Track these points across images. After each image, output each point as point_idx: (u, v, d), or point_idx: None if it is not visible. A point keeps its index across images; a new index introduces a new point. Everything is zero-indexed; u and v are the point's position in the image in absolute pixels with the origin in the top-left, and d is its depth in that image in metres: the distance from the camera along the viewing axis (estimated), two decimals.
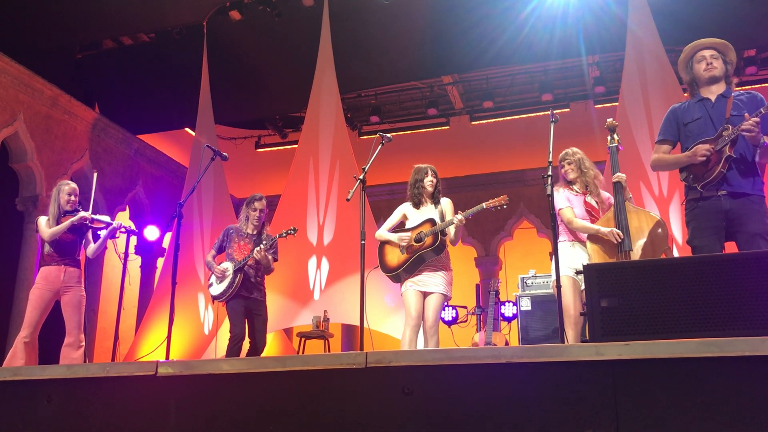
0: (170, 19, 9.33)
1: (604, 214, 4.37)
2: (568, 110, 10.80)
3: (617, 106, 7.39)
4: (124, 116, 10.50)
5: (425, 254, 4.49)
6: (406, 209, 4.80)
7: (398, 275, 4.61)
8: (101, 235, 5.35)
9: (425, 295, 4.52)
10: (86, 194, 9.77)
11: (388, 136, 4.63)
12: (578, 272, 4.10)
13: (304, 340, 7.55)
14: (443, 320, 8.26)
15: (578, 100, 10.93)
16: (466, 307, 8.40)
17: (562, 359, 2.14)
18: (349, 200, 4.47)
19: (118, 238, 5.65)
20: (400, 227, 4.77)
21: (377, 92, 11.46)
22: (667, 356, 2.03)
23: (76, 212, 5.19)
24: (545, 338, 5.87)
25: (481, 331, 7.28)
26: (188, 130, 11.26)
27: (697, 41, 3.78)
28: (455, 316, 8.37)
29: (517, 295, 6.31)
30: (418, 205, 4.74)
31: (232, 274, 5.21)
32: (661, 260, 3.43)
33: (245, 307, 5.22)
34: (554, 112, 4.24)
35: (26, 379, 2.90)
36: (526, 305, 6.06)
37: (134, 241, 9.99)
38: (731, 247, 3.59)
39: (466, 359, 2.26)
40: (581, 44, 8.67)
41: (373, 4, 8.76)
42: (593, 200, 4.43)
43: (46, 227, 5.12)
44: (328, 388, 2.39)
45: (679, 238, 6.15)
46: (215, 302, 5.47)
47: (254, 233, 5.41)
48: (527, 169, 11.12)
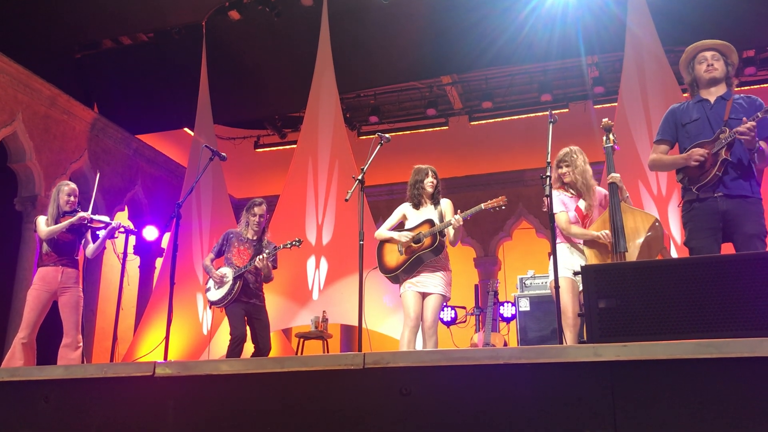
0: (169, 18, 9.33)
1: (592, 217, 4.36)
2: (567, 110, 10.82)
3: (616, 106, 7.40)
4: (123, 116, 10.49)
5: (424, 255, 4.48)
6: (405, 209, 4.80)
7: (397, 276, 4.60)
8: (100, 235, 5.33)
9: (424, 295, 4.52)
10: (86, 194, 9.80)
11: (387, 136, 4.63)
12: (576, 273, 4.10)
13: (302, 340, 7.54)
14: (442, 321, 8.26)
15: (577, 100, 10.94)
16: (464, 307, 8.40)
17: (560, 360, 2.14)
18: (347, 200, 4.46)
19: (116, 238, 5.64)
20: (399, 227, 4.76)
21: (376, 92, 11.46)
22: (665, 357, 2.03)
23: (75, 213, 5.17)
24: (544, 339, 5.87)
25: (479, 331, 7.28)
26: (187, 130, 11.26)
27: (699, 42, 3.77)
28: (454, 316, 8.37)
29: (515, 295, 6.31)
30: (417, 205, 4.74)
31: (231, 281, 5.17)
32: (659, 261, 3.43)
33: (245, 310, 5.19)
34: (553, 112, 4.24)
35: (24, 379, 2.90)
36: (524, 306, 6.06)
37: (133, 241, 10.00)
38: (728, 248, 3.59)
39: (464, 360, 2.26)
40: (580, 44, 8.67)
41: (372, 4, 8.76)
42: (584, 205, 4.41)
43: (44, 226, 5.11)
44: (326, 389, 2.38)
45: (678, 238, 6.15)
46: (209, 309, 5.44)
47: (254, 239, 5.38)
48: (526, 169, 11.12)
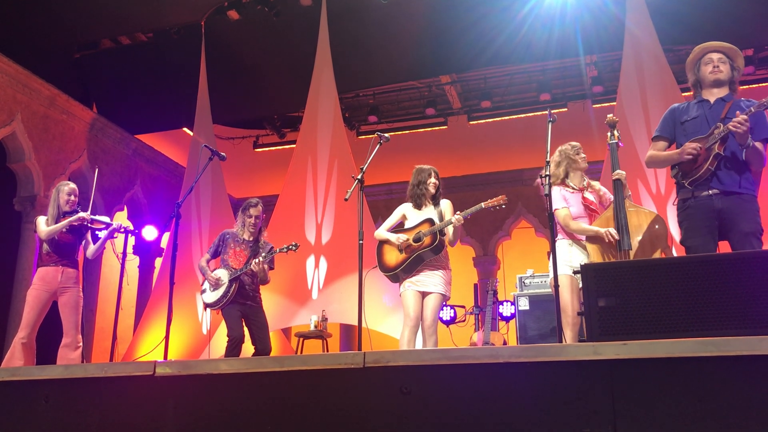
0: (168, 18, 9.32)
1: (602, 210, 4.36)
2: (566, 110, 10.82)
3: (615, 105, 7.40)
4: (122, 116, 10.48)
5: (424, 254, 4.49)
6: (405, 209, 4.81)
7: (396, 275, 4.61)
8: (101, 236, 5.33)
9: (424, 295, 4.52)
10: (86, 194, 9.80)
11: (386, 135, 4.63)
12: (576, 271, 4.10)
13: (302, 340, 7.54)
14: (441, 320, 8.27)
15: (576, 99, 10.95)
16: (464, 306, 8.41)
17: (559, 359, 2.15)
18: (347, 200, 4.47)
19: (116, 238, 5.63)
20: (399, 227, 4.77)
21: (375, 92, 11.46)
22: (664, 356, 2.03)
23: (75, 213, 5.17)
24: (543, 338, 5.87)
25: (479, 330, 7.28)
26: (186, 130, 11.25)
27: (707, 43, 3.76)
28: (453, 315, 8.38)
29: (515, 294, 6.30)
30: (419, 206, 4.75)
31: (227, 283, 5.11)
32: (658, 260, 3.43)
33: (241, 311, 5.13)
34: (552, 111, 4.25)
35: (24, 379, 2.90)
36: (524, 305, 6.06)
37: (132, 241, 9.99)
38: (724, 246, 3.60)
39: (464, 359, 2.26)
40: (579, 44, 8.67)
41: (371, 3, 8.77)
42: (592, 196, 4.42)
43: (44, 226, 5.11)
44: (326, 387, 2.39)
45: (677, 237, 6.15)
46: (208, 309, 5.39)
47: (251, 239, 5.32)
48: (525, 168, 11.12)
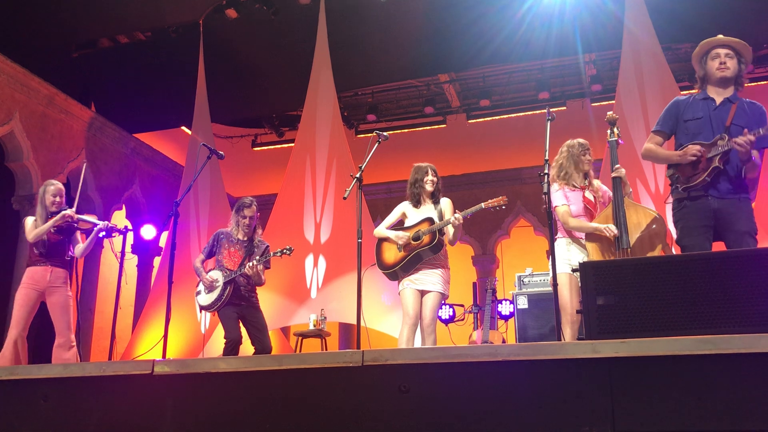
0: (167, 17, 9.31)
1: (601, 208, 4.36)
2: (564, 108, 10.82)
3: (614, 104, 7.40)
4: (120, 115, 10.48)
5: (422, 252, 4.49)
6: (405, 208, 4.80)
7: (395, 273, 4.61)
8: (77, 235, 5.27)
9: (423, 293, 4.52)
10: (83, 193, 9.79)
11: (384, 134, 4.62)
12: (575, 270, 4.10)
13: (301, 338, 7.54)
14: (440, 318, 8.27)
15: (575, 98, 10.95)
16: (463, 305, 8.42)
17: (558, 357, 2.15)
18: (346, 199, 4.46)
19: (115, 237, 5.60)
20: (399, 225, 4.76)
21: (374, 91, 11.46)
22: (663, 354, 2.04)
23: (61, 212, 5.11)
24: (542, 336, 5.87)
25: (478, 329, 7.29)
26: (185, 128, 11.25)
27: (714, 38, 3.69)
28: (452, 314, 8.39)
29: (514, 293, 6.30)
30: (417, 204, 4.73)
31: (221, 285, 5.03)
32: (657, 258, 3.43)
33: (238, 313, 5.06)
34: (551, 110, 4.24)
35: (23, 378, 2.89)
36: (523, 303, 6.06)
37: (131, 240, 9.99)
38: (719, 246, 3.59)
39: (462, 357, 2.26)
40: (578, 42, 8.68)
41: (369, 2, 8.76)
42: (591, 195, 4.42)
43: (32, 228, 5.06)
44: (325, 386, 2.39)
45: (674, 235, 6.15)
46: (203, 311, 5.34)
47: (245, 239, 5.23)
48: (524, 167, 11.13)
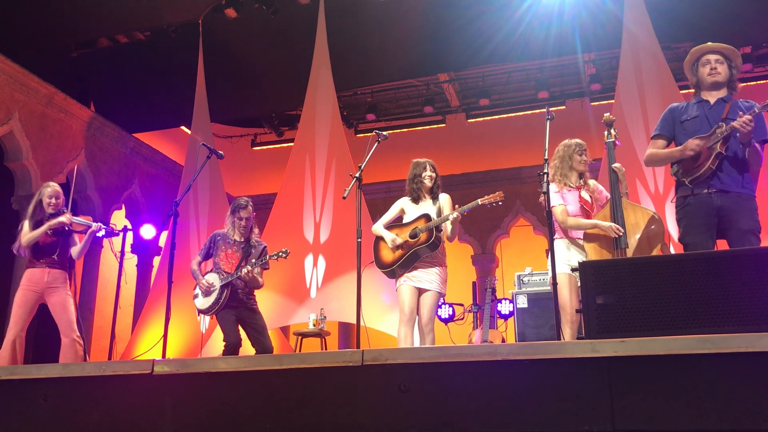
0: (166, 17, 9.30)
1: (598, 209, 4.36)
2: (564, 108, 10.83)
3: (613, 103, 7.41)
4: (119, 115, 10.47)
5: (420, 250, 4.47)
6: (404, 204, 4.77)
7: (393, 271, 4.58)
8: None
9: (420, 291, 4.50)
10: (83, 193, 9.79)
11: (384, 134, 4.61)
12: (574, 269, 4.10)
13: (301, 338, 7.54)
14: (440, 318, 8.27)
15: (574, 97, 10.96)
16: (462, 304, 8.41)
17: (558, 356, 2.15)
18: (345, 198, 4.45)
19: (117, 235, 5.61)
20: (397, 222, 4.74)
21: (373, 90, 11.46)
22: (662, 353, 2.04)
23: (60, 214, 5.10)
24: (542, 336, 5.87)
25: (477, 328, 7.29)
26: (184, 128, 11.25)
27: (703, 45, 3.76)
28: (452, 313, 8.38)
29: (513, 292, 6.30)
30: (416, 200, 4.71)
31: (218, 289, 4.98)
32: (656, 257, 3.44)
33: (236, 315, 5.02)
34: (550, 109, 4.24)
35: (22, 378, 2.89)
36: (522, 303, 6.06)
37: (130, 239, 9.98)
38: (722, 244, 3.60)
39: (462, 356, 2.26)
40: (577, 42, 8.69)
41: (369, 1, 8.76)
42: (587, 195, 4.42)
43: (26, 232, 5.05)
44: (324, 386, 2.39)
45: (675, 234, 6.16)
46: (200, 315, 5.31)
47: (242, 240, 5.19)
48: (524, 166, 11.13)
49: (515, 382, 2.18)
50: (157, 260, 10.49)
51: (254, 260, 5.07)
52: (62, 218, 5.05)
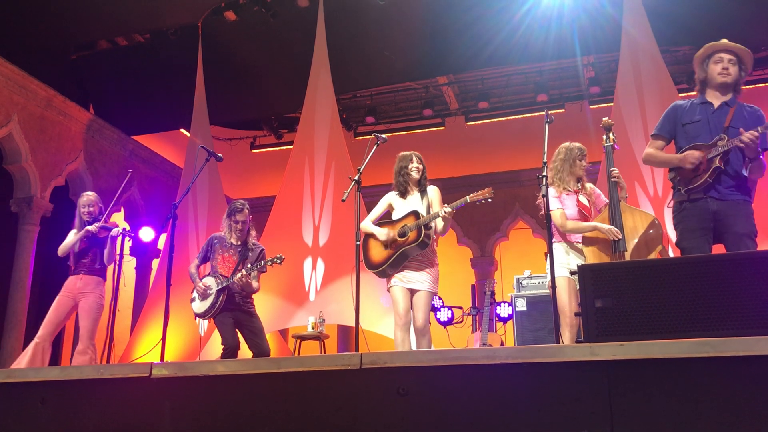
0: (165, 19, 9.32)
1: (596, 213, 4.36)
2: (563, 111, 10.85)
3: (612, 106, 7.41)
4: (118, 117, 10.47)
5: (409, 250, 4.34)
6: (391, 198, 4.64)
7: (383, 271, 4.46)
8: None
9: (412, 292, 4.39)
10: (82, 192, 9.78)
11: (383, 136, 4.56)
12: (573, 273, 4.10)
13: (299, 341, 7.53)
14: (439, 321, 8.27)
15: (573, 100, 10.98)
16: (461, 307, 8.41)
17: (557, 360, 2.14)
18: (344, 201, 4.40)
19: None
20: (386, 218, 4.61)
21: (373, 93, 11.47)
22: (661, 356, 2.03)
23: (95, 221, 5.43)
24: (541, 339, 5.87)
25: (476, 331, 7.29)
26: (183, 131, 11.25)
27: (718, 42, 3.67)
28: (451, 316, 8.38)
29: (512, 295, 6.30)
30: (404, 194, 4.58)
31: (215, 293, 4.99)
32: (655, 261, 3.44)
33: (234, 318, 5.01)
34: (549, 112, 4.23)
35: (20, 381, 2.89)
36: (521, 306, 6.05)
37: (129, 242, 9.96)
38: (719, 249, 3.60)
39: (461, 360, 2.26)
40: (576, 45, 8.70)
41: (368, 4, 8.77)
42: (585, 199, 4.42)
43: (65, 241, 5.40)
44: (323, 389, 2.38)
45: (674, 238, 6.16)
46: (197, 319, 5.33)
47: (239, 243, 5.18)
48: (523, 169, 11.13)
49: (514, 385, 2.17)
50: (155, 263, 10.49)
51: (249, 265, 5.06)
52: (89, 227, 5.36)
